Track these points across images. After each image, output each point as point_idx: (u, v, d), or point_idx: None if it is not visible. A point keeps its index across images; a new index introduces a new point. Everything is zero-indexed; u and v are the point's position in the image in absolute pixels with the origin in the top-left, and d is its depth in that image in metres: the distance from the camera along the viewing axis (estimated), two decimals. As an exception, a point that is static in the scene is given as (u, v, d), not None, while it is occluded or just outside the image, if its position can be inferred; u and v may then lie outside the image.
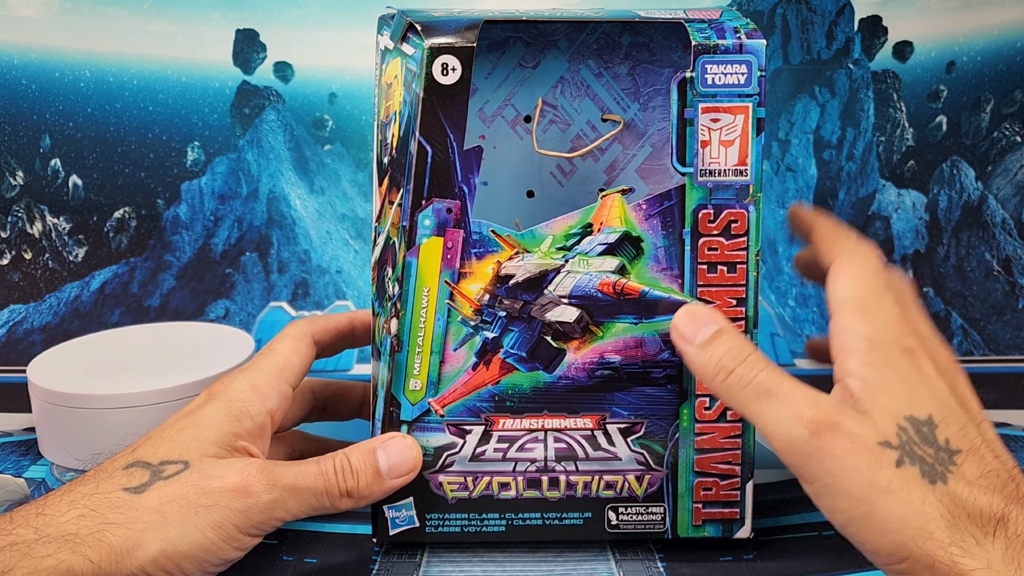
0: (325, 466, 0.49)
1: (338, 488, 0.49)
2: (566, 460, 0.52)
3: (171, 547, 0.45)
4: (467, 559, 0.53)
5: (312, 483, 0.48)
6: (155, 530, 0.45)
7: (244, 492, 0.46)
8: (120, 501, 0.45)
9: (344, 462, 0.49)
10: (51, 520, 0.44)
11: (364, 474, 0.49)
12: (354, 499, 0.49)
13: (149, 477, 0.47)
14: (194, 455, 0.48)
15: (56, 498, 0.46)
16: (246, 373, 0.53)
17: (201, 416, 0.50)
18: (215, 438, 0.49)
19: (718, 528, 0.53)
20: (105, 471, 0.47)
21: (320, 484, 0.48)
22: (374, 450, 0.50)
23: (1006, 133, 0.81)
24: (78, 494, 0.46)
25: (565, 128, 0.51)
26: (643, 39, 0.50)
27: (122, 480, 0.47)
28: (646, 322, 0.50)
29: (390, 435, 0.51)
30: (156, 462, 0.47)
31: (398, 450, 0.51)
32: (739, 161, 0.49)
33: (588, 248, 0.50)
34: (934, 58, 0.80)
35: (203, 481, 0.46)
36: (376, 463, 0.50)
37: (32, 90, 0.80)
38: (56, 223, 0.82)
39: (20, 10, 0.79)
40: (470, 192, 0.49)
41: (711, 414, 0.51)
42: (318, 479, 0.48)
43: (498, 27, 0.49)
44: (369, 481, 0.49)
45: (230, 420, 0.50)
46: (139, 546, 0.44)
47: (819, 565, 0.53)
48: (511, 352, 0.51)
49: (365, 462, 0.50)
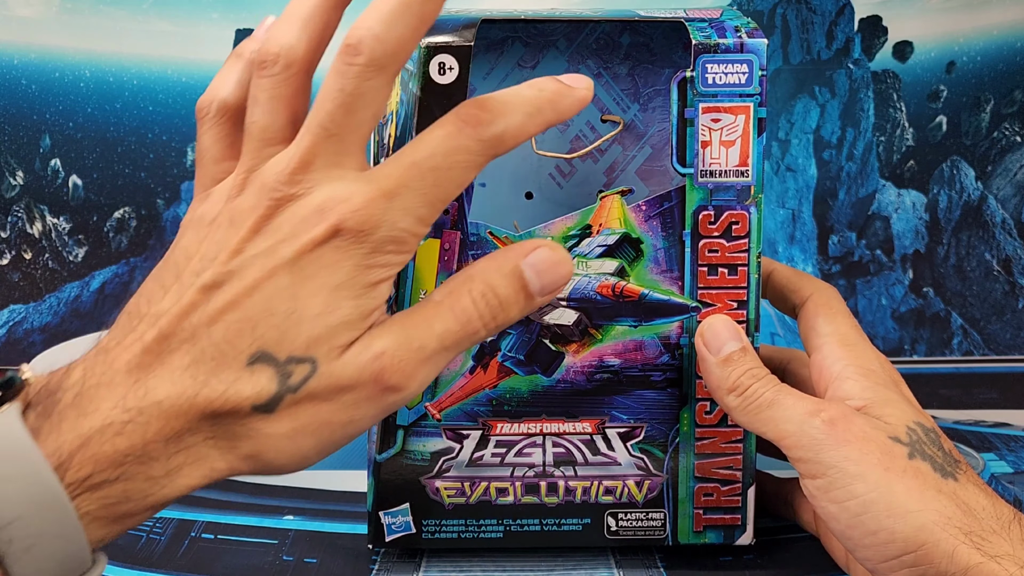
0: (463, 308, 0.40)
1: (484, 330, 0.41)
2: (565, 465, 0.52)
3: (304, 464, 0.41)
4: (467, 559, 0.53)
5: (457, 337, 0.40)
6: (287, 456, 0.40)
7: (385, 391, 0.39)
8: (250, 428, 0.38)
9: (489, 296, 0.41)
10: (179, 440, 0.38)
11: (515, 303, 0.41)
12: (500, 329, 0.42)
13: (277, 387, 0.38)
14: (321, 350, 0.39)
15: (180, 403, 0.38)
16: (393, 202, 0.39)
17: (328, 281, 0.39)
18: (347, 317, 0.39)
19: (719, 534, 0.53)
20: (227, 360, 0.38)
21: (463, 332, 0.41)
22: (519, 271, 0.41)
23: (1006, 133, 0.80)
24: (206, 402, 0.38)
25: (564, 129, 0.51)
26: (643, 39, 0.50)
27: (248, 387, 0.38)
28: (646, 325, 0.50)
29: (532, 245, 0.42)
30: (283, 358, 0.38)
31: (548, 265, 0.41)
32: (740, 162, 0.49)
33: (587, 250, 0.50)
34: (934, 58, 0.80)
35: (336, 395, 0.39)
36: (526, 285, 0.41)
37: (32, 90, 0.80)
38: (56, 223, 0.82)
39: (20, 10, 0.79)
40: (467, 193, 0.49)
41: (712, 418, 0.51)
42: (464, 327, 0.40)
43: (496, 27, 0.49)
44: (521, 308, 0.41)
45: (368, 292, 0.39)
46: (269, 466, 0.40)
47: (819, 565, 0.53)
48: (509, 355, 0.51)
49: (514, 288, 0.41)
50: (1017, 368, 0.81)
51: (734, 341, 0.48)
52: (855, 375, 0.48)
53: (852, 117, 0.80)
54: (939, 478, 0.43)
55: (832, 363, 0.49)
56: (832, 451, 0.44)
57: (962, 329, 0.83)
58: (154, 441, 0.37)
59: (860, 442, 0.44)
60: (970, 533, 0.41)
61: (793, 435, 0.45)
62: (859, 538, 0.43)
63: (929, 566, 0.41)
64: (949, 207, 0.82)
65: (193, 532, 0.57)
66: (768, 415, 0.46)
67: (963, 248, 0.82)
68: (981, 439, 0.68)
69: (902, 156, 0.81)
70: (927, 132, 0.81)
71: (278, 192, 0.39)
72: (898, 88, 0.80)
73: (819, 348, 0.50)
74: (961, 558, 0.41)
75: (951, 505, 0.42)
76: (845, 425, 0.44)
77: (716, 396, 0.48)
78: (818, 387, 0.49)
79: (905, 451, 0.44)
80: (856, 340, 0.50)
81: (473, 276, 0.41)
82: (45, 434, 0.36)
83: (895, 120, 0.80)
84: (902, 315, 0.83)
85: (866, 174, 0.81)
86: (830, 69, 0.80)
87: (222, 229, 0.39)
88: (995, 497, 0.44)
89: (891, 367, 0.50)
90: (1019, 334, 0.82)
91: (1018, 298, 0.82)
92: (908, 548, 0.42)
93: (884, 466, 0.43)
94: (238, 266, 0.38)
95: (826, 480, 0.44)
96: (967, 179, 0.81)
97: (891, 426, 0.45)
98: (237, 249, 0.39)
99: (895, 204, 0.82)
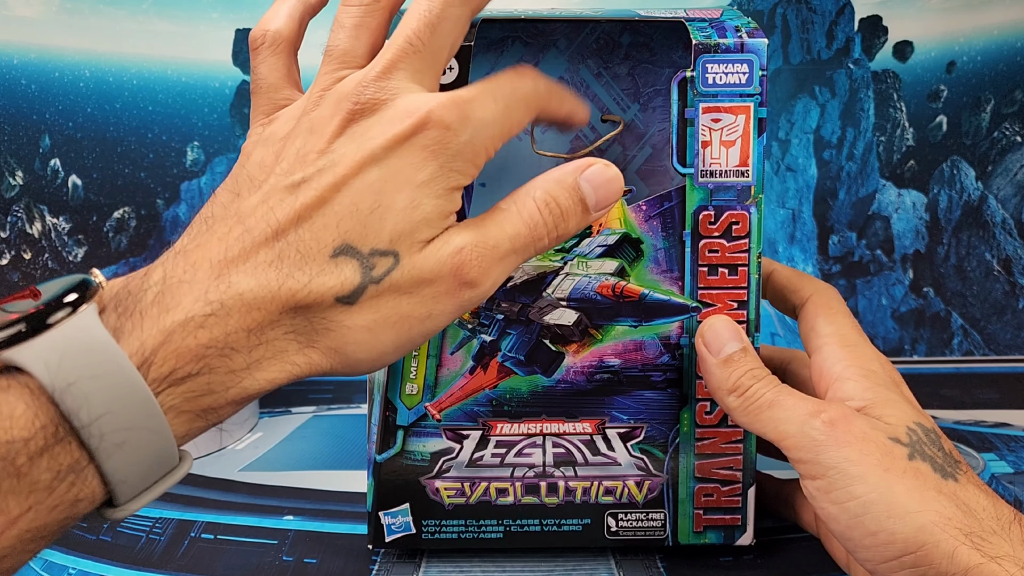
0: (530, 214, 0.42)
1: (547, 238, 0.43)
2: (565, 465, 0.52)
3: (381, 361, 0.41)
4: (467, 560, 0.53)
5: (526, 241, 0.42)
6: (367, 349, 0.40)
7: (463, 286, 0.41)
8: (332, 320, 0.39)
9: (552, 205, 0.43)
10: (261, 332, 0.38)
11: (574, 214, 0.43)
12: (560, 240, 0.44)
13: (360, 279, 0.39)
14: (404, 244, 0.40)
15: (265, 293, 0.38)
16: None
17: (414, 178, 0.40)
18: (429, 214, 0.40)
19: (719, 535, 0.53)
20: (311, 254, 0.39)
21: (531, 236, 0.42)
22: (577, 185, 0.43)
23: (1006, 133, 0.80)
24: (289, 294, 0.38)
25: (564, 129, 0.51)
26: (643, 39, 0.50)
27: (332, 278, 0.39)
28: (646, 325, 0.50)
29: (587, 163, 0.44)
30: (367, 251, 0.39)
31: (603, 181, 0.44)
32: (740, 162, 0.49)
33: (587, 250, 0.50)
34: (934, 58, 0.80)
35: (417, 288, 0.40)
36: (583, 198, 0.43)
37: (32, 90, 0.79)
38: (56, 223, 0.82)
39: (20, 10, 0.79)
40: (468, 193, 0.49)
41: (712, 419, 0.51)
42: (531, 231, 0.42)
43: (497, 26, 0.49)
44: (579, 220, 0.44)
45: (447, 194, 0.41)
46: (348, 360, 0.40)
47: (820, 566, 0.53)
48: (509, 355, 0.51)
49: (573, 200, 0.43)
50: (1017, 368, 0.81)
51: (735, 342, 0.48)
52: (855, 376, 0.48)
53: (852, 117, 0.80)
54: (939, 479, 0.43)
55: (832, 364, 0.49)
56: (832, 452, 0.44)
57: (962, 329, 0.83)
58: (235, 333, 0.37)
59: (860, 443, 0.44)
60: (970, 534, 0.41)
61: (793, 436, 0.45)
62: (859, 539, 0.43)
63: (929, 567, 0.41)
64: (949, 207, 0.82)
65: (193, 532, 0.57)
66: (768, 416, 0.46)
67: (963, 248, 0.82)
68: (981, 439, 0.68)
69: (902, 156, 0.81)
70: (927, 132, 0.81)
71: (363, 96, 0.40)
72: (898, 88, 0.80)
73: (819, 349, 0.50)
74: (961, 559, 0.40)
75: (951, 506, 0.42)
76: (845, 426, 0.44)
77: (716, 397, 0.48)
78: (818, 388, 0.49)
79: (905, 452, 0.44)
80: (856, 341, 0.50)
81: (536, 187, 0.43)
82: (128, 332, 0.36)
83: (895, 120, 0.80)
84: (902, 315, 0.83)
85: (866, 174, 0.81)
86: (830, 69, 0.80)
87: (301, 137, 0.41)
88: (995, 498, 0.43)
89: (891, 367, 0.50)
90: (1019, 334, 0.82)
91: (1018, 298, 0.82)
92: (908, 549, 0.42)
93: (884, 467, 0.43)
94: (327, 163, 0.39)
95: (826, 481, 0.44)
96: (967, 179, 0.81)
97: (891, 427, 0.45)
98: (323, 149, 0.40)
99: (895, 204, 0.82)
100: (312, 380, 0.57)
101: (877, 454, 0.43)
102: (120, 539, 0.56)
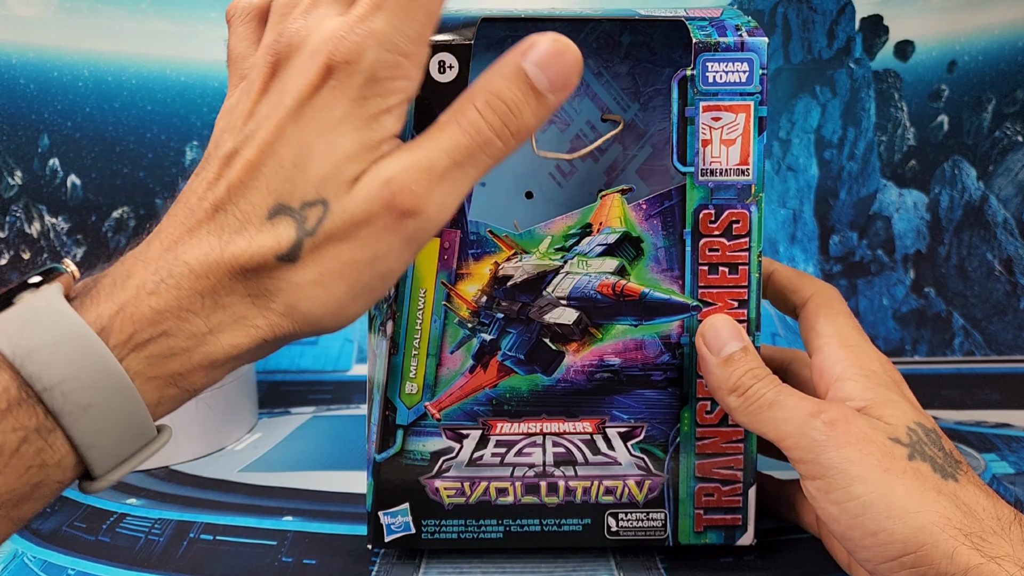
0: (469, 120, 0.40)
1: (500, 140, 0.40)
2: (565, 465, 0.52)
3: (343, 314, 0.41)
4: (467, 560, 0.53)
5: (469, 151, 0.39)
6: (321, 305, 0.40)
7: (402, 217, 0.39)
8: (280, 280, 0.39)
9: (494, 102, 0.39)
10: (216, 298, 0.39)
11: (526, 104, 0.40)
12: (519, 138, 0.40)
13: (295, 234, 0.39)
14: (330, 189, 0.39)
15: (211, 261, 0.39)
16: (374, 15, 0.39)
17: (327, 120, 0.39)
18: (348, 149, 0.39)
19: (720, 535, 0.52)
20: (249, 219, 0.39)
21: (476, 144, 0.39)
22: (521, 70, 0.39)
23: (1007, 133, 0.80)
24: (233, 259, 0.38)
25: (564, 128, 0.50)
26: (643, 38, 0.50)
27: (269, 239, 0.39)
28: (646, 324, 0.50)
29: (529, 41, 0.40)
30: (297, 205, 0.39)
31: (550, 56, 0.39)
32: (741, 160, 0.49)
33: (587, 249, 0.50)
34: (935, 57, 0.79)
35: (354, 231, 0.39)
36: (532, 83, 0.39)
37: (30, 90, 0.79)
38: (54, 223, 0.82)
39: (19, 9, 0.79)
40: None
41: (712, 418, 0.51)
42: (474, 138, 0.39)
43: (496, 25, 0.49)
44: (534, 110, 0.40)
45: (368, 123, 0.39)
46: (307, 318, 0.40)
47: (821, 567, 0.52)
48: (509, 355, 0.50)
49: (519, 88, 0.39)
50: (1018, 368, 0.81)
51: (735, 341, 0.48)
52: (856, 376, 0.48)
53: (853, 117, 0.80)
54: (939, 479, 0.43)
55: (833, 364, 0.49)
56: (832, 452, 0.44)
57: (963, 329, 0.82)
58: (189, 298, 0.38)
59: (860, 443, 0.44)
60: (970, 534, 0.41)
61: (793, 436, 0.45)
62: (859, 539, 0.43)
63: (929, 567, 0.41)
64: (950, 207, 0.81)
65: (192, 533, 0.57)
66: (769, 416, 0.46)
67: (964, 248, 0.82)
68: (982, 440, 0.68)
69: (903, 156, 0.81)
70: (928, 131, 0.80)
71: (279, 44, 0.40)
72: (899, 87, 0.80)
73: (820, 349, 0.50)
74: (961, 559, 0.40)
75: (951, 506, 0.42)
76: (845, 426, 0.44)
77: (717, 396, 0.48)
78: (819, 388, 0.49)
79: (905, 452, 0.44)
80: (857, 341, 0.50)
81: (475, 88, 0.40)
82: (87, 307, 0.38)
83: (896, 119, 0.80)
84: (903, 315, 0.83)
85: (867, 174, 0.81)
86: (831, 68, 0.79)
87: (240, 102, 0.41)
88: (995, 498, 0.43)
89: (892, 368, 0.50)
90: (1020, 334, 0.82)
91: (1019, 298, 0.82)
92: (908, 549, 0.42)
93: (884, 467, 0.43)
94: (252, 128, 0.40)
95: (826, 481, 0.44)
96: (968, 179, 0.81)
97: (891, 427, 0.45)
98: (250, 112, 0.40)
99: (896, 204, 0.81)
100: (312, 380, 0.57)
101: (877, 454, 0.43)
102: (119, 540, 0.56)
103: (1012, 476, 0.63)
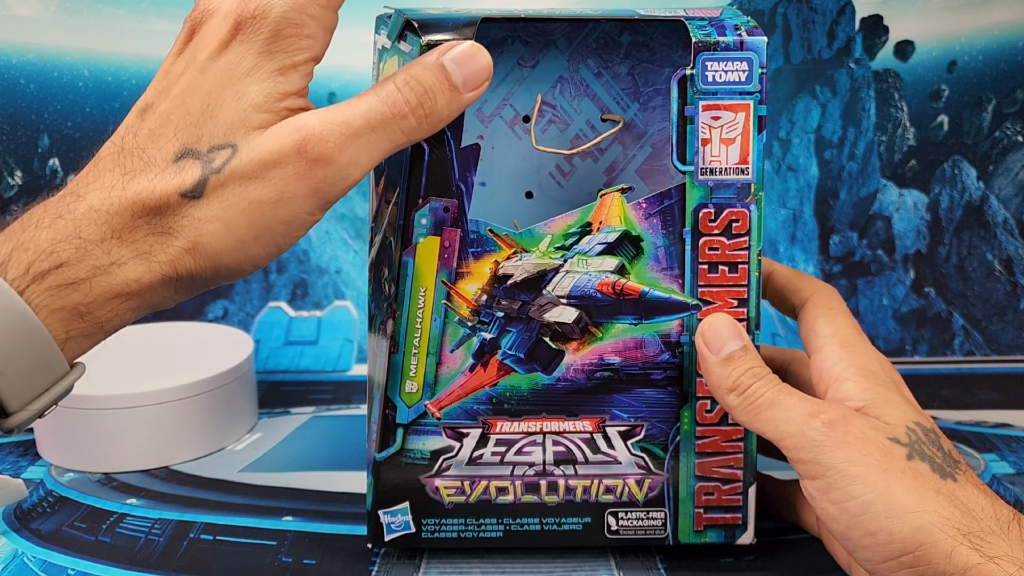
0: (388, 92, 0.43)
1: (413, 116, 0.43)
2: (565, 464, 0.52)
3: (245, 255, 0.42)
4: (466, 560, 0.53)
5: (384, 117, 0.43)
6: (223, 241, 0.41)
7: (313, 164, 0.41)
8: (184, 216, 0.41)
9: (412, 83, 0.43)
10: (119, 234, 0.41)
11: (441, 91, 0.44)
12: (431, 122, 0.44)
13: (200, 172, 0.41)
14: (239, 133, 0.41)
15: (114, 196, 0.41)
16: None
17: (235, 72, 0.42)
18: (256, 99, 0.42)
19: (720, 534, 0.52)
20: (154, 161, 0.41)
21: (390, 113, 0.43)
22: (440, 63, 0.44)
23: (1007, 133, 0.80)
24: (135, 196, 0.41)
25: (564, 128, 0.50)
26: (643, 38, 0.50)
27: (174, 178, 0.41)
28: (646, 323, 0.50)
29: (449, 44, 0.45)
30: (205, 149, 0.41)
31: (466, 57, 0.44)
32: (740, 160, 0.49)
33: (587, 247, 0.50)
34: (935, 57, 0.79)
35: (262, 172, 0.41)
36: (448, 76, 0.44)
37: (30, 90, 0.79)
38: (54, 223, 0.82)
39: (19, 9, 0.79)
40: (467, 190, 0.49)
41: (712, 417, 0.51)
42: (389, 108, 0.43)
43: (496, 25, 0.49)
44: (448, 99, 0.44)
45: (276, 75, 0.42)
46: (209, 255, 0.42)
47: (821, 567, 0.52)
48: (509, 353, 0.50)
49: (436, 77, 0.44)
50: (1019, 369, 0.81)
51: (735, 340, 0.48)
52: (855, 376, 0.48)
53: (853, 117, 0.80)
54: (938, 479, 0.43)
55: (832, 364, 0.49)
56: (831, 452, 0.44)
57: (963, 329, 0.82)
58: (87, 229, 0.40)
59: (859, 443, 0.44)
60: (968, 534, 0.41)
61: (793, 436, 0.45)
62: (858, 539, 0.43)
63: (927, 567, 0.41)
64: (950, 207, 0.81)
65: (192, 533, 0.57)
66: (768, 415, 0.46)
67: (964, 248, 0.82)
68: (982, 440, 0.68)
69: (903, 156, 0.81)
70: (928, 131, 0.80)
71: (195, 12, 0.44)
72: (899, 87, 0.80)
73: (819, 349, 0.50)
74: (959, 559, 0.40)
75: (950, 506, 0.42)
76: (844, 426, 0.44)
77: (717, 395, 0.48)
78: (818, 388, 0.49)
79: (904, 452, 0.44)
80: (856, 341, 0.50)
81: (396, 72, 0.44)
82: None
83: (896, 119, 0.80)
84: (903, 315, 0.83)
85: (867, 174, 0.81)
86: (831, 68, 0.79)
87: (162, 65, 0.44)
88: (994, 498, 0.43)
89: (891, 368, 0.50)
90: (1020, 334, 0.82)
91: (1019, 298, 0.82)
92: (906, 549, 0.42)
93: (883, 467, 0.43)
94: (166, 84, 0.43)
95: (825, 481, 0.44)
96: (968, 179, 0.81)
97: (890, 427, 0.45)
98: (166, 71, 0.43)
99: (896, 204, 0.81)
100: (312, 380, 0.57)
101: (876, 454, 0.43)
102: (119, 540, 0.56)
103: (1012, 476, 0.63)
